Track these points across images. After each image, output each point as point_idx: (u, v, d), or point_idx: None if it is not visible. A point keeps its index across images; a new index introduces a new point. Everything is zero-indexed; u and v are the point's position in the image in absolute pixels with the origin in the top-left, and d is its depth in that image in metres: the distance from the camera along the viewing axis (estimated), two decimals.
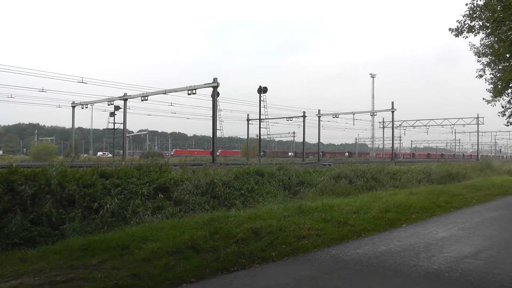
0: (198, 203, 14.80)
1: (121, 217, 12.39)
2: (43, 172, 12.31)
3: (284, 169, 22.05)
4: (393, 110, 60.27)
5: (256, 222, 10.21)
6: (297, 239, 9.38)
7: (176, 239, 8.60)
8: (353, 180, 22.76)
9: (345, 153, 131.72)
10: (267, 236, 9.24)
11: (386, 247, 9.19)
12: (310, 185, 20.85)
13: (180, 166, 19.08)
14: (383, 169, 27.70)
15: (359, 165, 28.47)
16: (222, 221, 10.31)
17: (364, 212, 12.80)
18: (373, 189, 22.20)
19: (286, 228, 9.93)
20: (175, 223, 10.48)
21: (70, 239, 9.47)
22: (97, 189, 13.02)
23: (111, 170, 15.00)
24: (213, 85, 36.03)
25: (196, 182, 15.93)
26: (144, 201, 13.63)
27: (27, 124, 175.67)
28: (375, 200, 15.34)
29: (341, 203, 14.22)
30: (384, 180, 24.85)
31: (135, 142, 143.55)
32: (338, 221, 11.25)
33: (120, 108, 48.53)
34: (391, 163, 44.06)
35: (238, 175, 18.64)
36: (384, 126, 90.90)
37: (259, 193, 17.74)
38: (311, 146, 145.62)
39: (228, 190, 16.60)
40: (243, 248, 8.36)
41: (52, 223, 10.91)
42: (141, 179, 15.01)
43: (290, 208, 12.67)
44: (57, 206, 11.50)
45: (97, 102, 52.60)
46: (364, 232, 10.64)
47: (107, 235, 9.61)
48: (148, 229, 9.73)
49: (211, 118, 36.25)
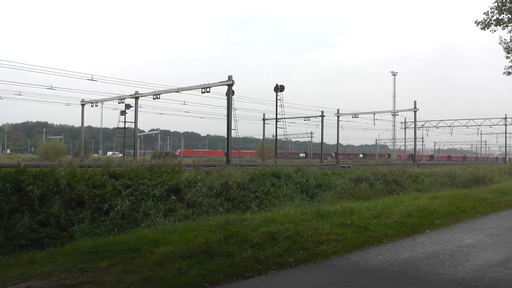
0: (212, 205, 14.81)
1: (132, 219, 12.44)
2: (51, 172, 12.39)
3: (302, 171, 21.97)
4: (415, 110, 59.90)
5: (272, 226, 10.18)
6: (316, 245, 9.33)
7: (189, 243, 8.60)
8: (373, 183, 22.62)
9: (359, 155, 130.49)
10: (284, 241, 9.20)
11: (408, 254, 9.11)
12: (328, 188, 20.77)
13: (193, 167, 19.11)
14: (405, 171, 27.48)
15: (380, 167, 28.30)
16: (237, 224, 10.29)
17: (385, 216, 12.70)
18: (394, 192, 22.04)
19: (304, 233, 9.89)
20: (188, 226, 10.49)
21: (79, 241, 9.53)
22: (107, 190, 13.08)
23: (121, 170, 15.06)
24: (228, 83, 36.07)
25: (209, 183, 15.94)
26: (156, 203, 13.67)
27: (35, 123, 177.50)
28: (396, 204, 15.22)
29: (361, 207, 14.13)
30: (405, 184, 24.66)
31: (146, 141, 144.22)
32: (358, 226, 11.17)
33: (131, 106, 48.78)
34: (413, 166, 43.74)
35: (253, 177, 18.61)
36: (406, 127, 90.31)
37: (276, 196, 17.71)
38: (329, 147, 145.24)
39: (243, 193, 16.59)
40: (259, 253, 8.33)
41: (60, 225, 10.98)
42: (153, 180, 15.05)
43: (308, 212, 12.62)
44: (65, 207, 11.58)
45: (107, 100, 52.81)
46: (385, 238, 10.55)
47: (118, 237, 9.65)
48: (160, 232, 9.74)
49: (226, 117, 36.35)
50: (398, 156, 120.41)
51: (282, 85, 46.35)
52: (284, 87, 46.45)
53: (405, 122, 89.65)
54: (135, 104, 46.93)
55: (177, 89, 42.92)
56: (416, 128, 63.45)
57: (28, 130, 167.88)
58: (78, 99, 54.69)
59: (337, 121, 65.28)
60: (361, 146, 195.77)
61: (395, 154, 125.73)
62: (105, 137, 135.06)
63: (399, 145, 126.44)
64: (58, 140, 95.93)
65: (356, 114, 68.06)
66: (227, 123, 35.71)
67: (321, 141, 66.34)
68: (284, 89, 46.53)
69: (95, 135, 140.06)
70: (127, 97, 48.21)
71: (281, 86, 46.25)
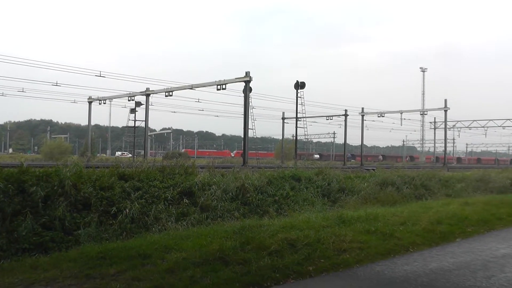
0: (227, 209, 14.82)
1: (142, 224, 12.49)
2: (56, 172, 12.48)
3: (323, 174, 21.91)
4: (446, 109, 59.38)
5: (291, 233, 10.18)
6: (338, 253, 9.32)
7: (203, 249, 8.64)
8: (400, 188, 22.50)
9: (378, 156, 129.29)
10: (304, 249, 9.20)
11: (437, 264, 9.05)
12: (351, 192, 20.68)
13: (208, 168, 19.15)
14: (434, 175, 27.29)
15: (407, 171, 28.13)
16: (254, 230, 10.32)
17: (413, 223, 12.64)
18: (422, 197, 21.92)
19: (325, 240, 9.88)
20: (202, 231, 10.54)
21: (85, 246, 9.63)
22: (115, 192, 13.15)
23: (131, 171, 15.13)
24: (245, 80, 36.06)
25: (225, 186, 15.96)
26: (168, 206, 13.71)
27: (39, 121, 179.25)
28: (425, 210, 15.14)
29: (386, 213, 14.08)
30: (435, 188, 24.48)
31: (157, 141, 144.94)
32: (383, 233, 11.14)
33: (142, 104, 48.92)
34: (443, 169, 43.41)
35: (271, 180, 18.60)
36: (435, 127, 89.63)
37: (295, 200, 17.68)
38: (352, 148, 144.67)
39: (261, 196, 16.59)
40: (277, 261, 8.34)
41: (65, 228, 11.06)
42: (164, 182, 15.10)
43: (329, 218, 12.61)
44: (71, 209, 11.66)
45: (116, 97, 53.11)
46: (412, 246, 10.50)
47: (127, 242, 9.73)
48: (172, 237, 9.80)
49: (243, 116, 36.37)
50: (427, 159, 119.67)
51: (303, 82, 46.21)
52: (305, 84, 46.32)
53: (435, 122, 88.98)
54: (146, 102, 47.13)
55: (191, 85, 43.03)
56: (446, 128, 62.94)
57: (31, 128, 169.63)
58: (85, 96, 55.05)
59: (361, 121, 64.98)
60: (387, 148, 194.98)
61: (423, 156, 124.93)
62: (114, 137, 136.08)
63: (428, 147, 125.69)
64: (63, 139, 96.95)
65: (382, 113, 67.71)
66: (244, 122, 35.72)
67: (344, 142, 66.26)
68: (305, 86, 46.38)
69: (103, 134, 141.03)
70: (137, 94, 48.41)
71: (302, 83, 46.12)
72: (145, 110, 47.39)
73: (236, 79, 37.16)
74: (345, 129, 62.39)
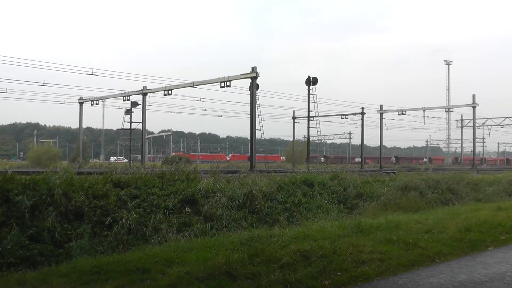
0: (234, 219, 14.87)
1: (140, 235, 12.55)
2: (44, 180, 12.56)
3: (339, 178, 21.93)
4: (474, 105, 59.30)
5: (305, 243, 10.18)
6: (356, 265, 9.30)
7: (207, 263, 8.64)
8: (424, 192, 22.47)
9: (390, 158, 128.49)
10: (318, 261, 9.19)
11: (467, 275, 9.02)
12: (370, 198, 20.70)
13: (212, 173, 19.19)
14: (462, 178, 27.22)
15: (431, 174, 28.06)
16: (264, 241, 10.31)
17: (439, 231, 12.61)
18: (449, 203, 21.87)
19: (341, 251, 9.86)
20: (206, 243, 10.55)
21: (78, 260, 9.64)
22: (110, 201, 13.22)
23: (127, 178, 15.20)
24: (252, 76, 36.11)
25: (230, 193, 16.00)
26: (168, 216, 13.76)
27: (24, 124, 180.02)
28: (452, 216, 15.10)
29: (409, 220, 14.05)
30: (463, 192, 24.44)
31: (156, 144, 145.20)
32: (406, 242, 11.11)
33: (138, 104, 49.07)
34: (472, 171, 43.31)
35: (282, 186, 18.65)
36: (462, 125, 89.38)
37: (308, 207, 17.70)
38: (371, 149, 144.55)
39: (270, 204, 16.62)
40: (290, 274, 8.33)
41: (55, 240, 11.12)
42: (164, 189, 15.16)
43: (346, 226, 12.59)
44: (61, 220, 11.72)
45: (110, 97, 53.18)
46: (439, 257, 10.47)
47: (124, 255, 9.74)
48: (174, 250, 9.82)
49: (249, 115, 36.38)
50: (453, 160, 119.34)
51: (315, 77, 46.12)
52: (317, 80, 46.23)
53: (462, 120, 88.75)
54: (142, 102, 47.23)
55: (192, 83, 43.09)
56: (475, 126, 62.79)
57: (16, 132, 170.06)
58: (75, 96, 55.19)
59: (380, 119, 64.95)
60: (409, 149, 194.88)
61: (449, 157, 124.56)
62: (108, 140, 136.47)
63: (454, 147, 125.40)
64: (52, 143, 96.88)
65: (402, 111, 67.47)
66: (251, 122, 35.76)
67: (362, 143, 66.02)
68: (317, 82, 46.29)
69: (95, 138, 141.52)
70: (133, 93, 48.51)
71: (314, 79, 46.04)
72: (142, 111, 47.47)
73: (241, 75, 37.18)
74: (362, 128, 62.35)
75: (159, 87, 45.77)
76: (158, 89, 45.85)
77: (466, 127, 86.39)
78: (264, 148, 46.75)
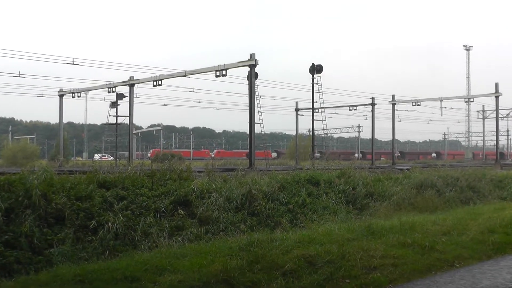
0: (231, 221, 14.87)
1: (128, 240, 12.54)
2: (20, 180, 12.57)
3: (347, 176, 21.94)
4: (497, 95, 59.10)
5: (310, 248, 10.20)
6: (366, 271, 9.32)
7: (203, 270, 8.66)
8: (441, 190, 22.49)
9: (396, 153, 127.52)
10: (325, 267, 9.21)
11: (490, 281, 9.04)
12: (382, 197, 20.72)
13: (206, 172, 19.20)
14: (484, 174, 27.24)
15: (450, 170, 28.08)
16: (265, 246, 10.34)
17: (458, 233, 12.64)
18: (469, 201, 21.94)
19: (350, 256, 9.89)
20: (201, 249, 10.57)
21: (59, 267, 9.64)
22: (94, 203, 13.22)
23: (113, 177, 15.22)
24: (250, 64, 35.93)
25: (228, 193, 16.01)
26: (159, 219, 13.77)
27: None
28: (473, 217, 15.14)
29: (425, 221, 14.09)
30: (485, 190, 24.46)
31: (145, 140, 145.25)
32: (422, 245, 11.14)
33: (125, 96, 48.90)
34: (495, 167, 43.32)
35: (284, 184, 18.64)
36: (484, 117, 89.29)
37: (313, 208, 17.71)
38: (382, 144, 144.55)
39: (271, 205, 16.62)
40: (293, 282, 8.36)
41: (34, 246, 11.09)
42: (154, 189, 15.18)
43: (355, 229, 12.62)
44: (40, 224, 11.70)
45: (93, 89, 53.06)
46: (458, 261, 10.50)
47: (110, 263, 9.76)
48: (165, 256, 9.83)
49: (248, 108, 36.30)
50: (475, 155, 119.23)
51: (320, 64, 46.04)
52: (322, 68, 46.15)
53: (483, 111, 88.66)
54: (129, 93, 47.01)
55: (184, 72, 42.96)
56: (498, 117, 62.62)
57: None
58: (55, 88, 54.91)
59: (392, 111, 64.81)
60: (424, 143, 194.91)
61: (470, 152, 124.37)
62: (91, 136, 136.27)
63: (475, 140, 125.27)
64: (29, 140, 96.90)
65: (417, 101, 67.30)
66: (249, 115, 35.65)
67: (372, 136, 66.02)
68: (322, 70, 46.23)
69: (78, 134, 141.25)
70: (119, 84, 48.31)
71: (319, 66, 45.96)
72: (129, 103, 47.29)
73: (239, 63, 37.03)
74: (372, 121, 62.28)
75: (148, 77, 45.51)
76: (147, 79, 45.62)
77: (488, 118, 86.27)
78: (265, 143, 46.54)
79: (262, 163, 41.08)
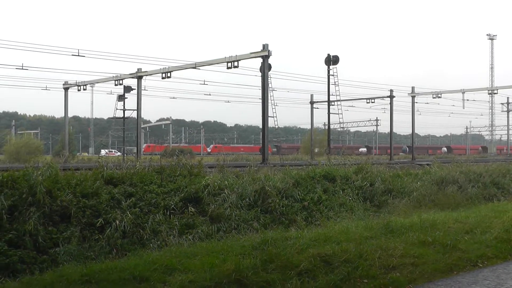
0: (244, 219, 14.87)
1: (137, 238, 12.56)
2: (24, 176, 12.60)
3: (364, 172, 21.88)
4: None
5: (326, 247, 10.19)
6: (385, 271, 9.31)
7: (214, 270, 8.67)
8: (464, 187, 22.41)
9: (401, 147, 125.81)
10: (341, 267, 9.20)
11: None
12: (401, 194, 20.67)
13: (218, 168, 19.20)
14: (509, 170, 27.12)
15: (472, 166, 27.96)
16: (279, 244, 10.34)
17: (482, 231, 12.59)
18: (493, 198, 21.88)
19: (368, 255, 9.87)
20: (213, 247, 10.59)
21: (65, 267, 9.68)
22: (101, 200, 13.25)
23: (121, 174, 15.24)
24: (263, 55, 35.82)
25: (240, 190, 16.00)
26: (168, 217, 13.78)
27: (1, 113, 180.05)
28: (497, 214, 15.06)
29: (447, 218, 14.05)
30: (510, 186, 24.37)
31: (153, 135, 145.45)
32: (443, 244, 11.11)
33: (133, 89, 48.79)
34: None
35: (299, 181, 18.62)
36: (509, 109, 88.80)
37: (329, 205, 17.68)
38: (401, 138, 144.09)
39: (286, 202, 16.61)
40: (309, 282, 8.36)
41: (39, 245, 11.12)
42: (164, 186, 15.19)
43: (373, 227, 12.60)
44: (45, 222, 11.73)
45: (99, 81, 52.93)
46: (482, 261, 10.45)
47: (118, 262, 9.78)
48: (175, 255, 9.85)
49: (260, 101, 36.25)
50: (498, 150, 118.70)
51: (335, 55, 46.00)
52: (338, 59, 46.08)
53: (508, 103, 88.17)
54: (137, 86, 46.94)
55: (194, 64, 42.79)
56: None
57: None
58: (60, 81, 54.94)
59: (412, 103, 64.47)
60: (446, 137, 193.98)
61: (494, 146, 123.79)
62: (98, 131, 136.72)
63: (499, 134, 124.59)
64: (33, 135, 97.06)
65: (438, 94, 66.84)
66: (262, 108, 35.60)
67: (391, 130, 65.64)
68: (338, 61, 46.15)
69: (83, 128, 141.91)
70: (127, 76, 48.23)
71: (335, 57, 45.91)
72: (137, 96, 47.21)
73: (251, 54, 36.91)
74: (391, 114, 61.83)
75: (157, 69, 45.31)
76: (156, 71, 45.48)
77: None
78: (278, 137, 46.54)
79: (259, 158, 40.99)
